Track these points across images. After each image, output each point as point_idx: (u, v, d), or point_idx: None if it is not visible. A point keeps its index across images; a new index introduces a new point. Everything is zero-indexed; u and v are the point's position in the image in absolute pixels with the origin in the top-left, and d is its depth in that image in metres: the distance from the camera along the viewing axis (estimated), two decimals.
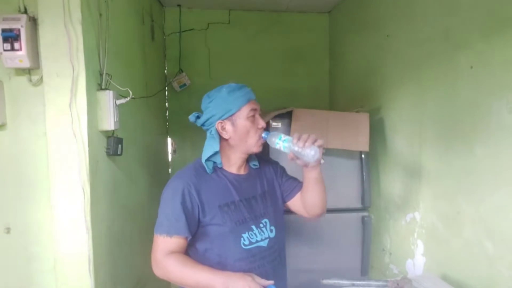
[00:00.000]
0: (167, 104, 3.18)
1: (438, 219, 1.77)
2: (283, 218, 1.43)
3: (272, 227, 1.33)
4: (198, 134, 3.28)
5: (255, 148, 1.29)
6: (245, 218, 1.27)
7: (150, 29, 2.60)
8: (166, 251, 1.17)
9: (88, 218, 1.45)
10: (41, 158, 1.48)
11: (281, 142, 1.21)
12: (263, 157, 1.48)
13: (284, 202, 1.45)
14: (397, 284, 1.47)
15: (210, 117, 1.26)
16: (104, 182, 1.62)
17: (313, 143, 1.17)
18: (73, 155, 1.43)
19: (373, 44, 2.43)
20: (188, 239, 1.21)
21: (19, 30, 1.38)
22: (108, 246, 1.64)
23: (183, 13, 3.10)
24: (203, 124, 1.31)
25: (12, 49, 1.39)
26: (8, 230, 1.52)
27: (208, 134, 1.31)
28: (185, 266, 1.15)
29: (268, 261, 1.30)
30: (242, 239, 1.26)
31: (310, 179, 1.30)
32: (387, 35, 2.23)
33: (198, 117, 1.31)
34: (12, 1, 1.45)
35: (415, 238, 1.95)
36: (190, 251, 1.27)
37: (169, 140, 3.20)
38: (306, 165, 1.23)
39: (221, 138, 1.29)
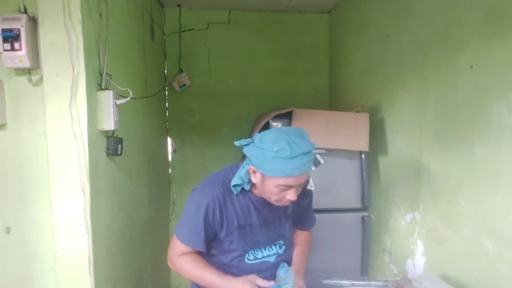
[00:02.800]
0: (167, 104, 3.18)
1: (438, 219, 1.77)
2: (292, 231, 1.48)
3: (284, 246, 1.39)
4: (198, 134, 3.30)
5: (275, 203, 1.24)
6: (258, 241, 1.32)
7: (150, 29, 2.60)
8: (180, 253, 1.28)
9: (88, 218, 1.46)
10: (41, 158, 1.48)
11: None
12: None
13: None
14: (397, 284, 1.47)
15: (250, 158, 1.20)
16: (104, 182, 1.62)
17: None
18: (73, 155, 1.43)
19: (373, 44, 2.43)
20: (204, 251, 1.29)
21: (19, 30, 1.38)
22: (108, 246, 1.64)
23: (183, 13, 3.10)
24: (243, 155, 1.27)
25: (12, 49, 1.39)
26: (8, 230, 1.52)
27: (244, 164, 1.26)
28: (196, 267, 1.27)
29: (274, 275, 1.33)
30: (247, 254, 1.32)
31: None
32: (387, 35, 2.23)
33: (247, 144, 1.23)
34: (12, 1, 1.45)
35: (415, 238, 1.95)
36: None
37: (169, 140, 3.20)
38: None
39: None
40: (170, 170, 3.22)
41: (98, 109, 1.56)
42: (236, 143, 1.24)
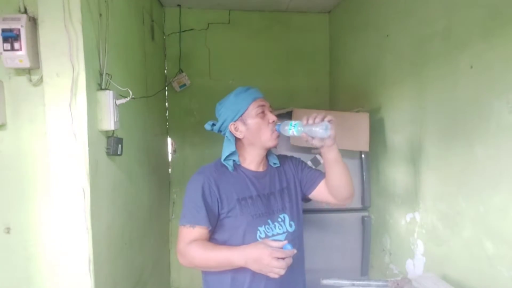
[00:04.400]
0: (167, 104, 3.18)
1: (438, 219, 1.77)
2: (302, 215, 1.46)
3: (292, 222, 1.38)
4: (198, 134, 3.30)
5: (271, 142, 1.35)
6: (262, 212, 1.32)
7: (150, 29, 2.60)
8: (188, 241, 1.23)
9: (88, 218, 1.46)
10: (41, 158, 1.48)
11: (293, 128, 1.25)
12: (284, 155, 1.54)
13: (307, 195, 1.47)
14: (397, 284, 1.47)
15: (224, 122, 1.35)
16: (104, 182, 1.62)
17: (322, 120, 1.21)
18: (73, 155, 1.43)
19: (373, 44, 2.43)
20: (209, 229, 1.26)
21: (19, 30, 1.38)
22: (108, 246, 1.64)
23: (183, 13, 3.10)
24: (219, 130, 1.39)
25: (12, 49, 1.39)
26: (8, 230, 1.52)
27: (225, 138, 1.38)
28: (206, 249, 1.21)
29: None
30: (258, 232, 1.30)
31: (330, 160, 1.32)
32: (387, 35, 2.23)
33: (213, 125, 1.40)
34: (12, 1, 1.45)
35: (415, 238, 1.95)
36: (211, 242, 1.32)
37: (169, 140, 3.20)
38: (321, 145, 1.26)
39: (237, 139, 1.37)
40: (170, 170, 3.22)
41: (98, 109, 1.56)
42: (205, 126, 1.41)
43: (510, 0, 1.33)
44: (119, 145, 1.67)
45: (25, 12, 1.44)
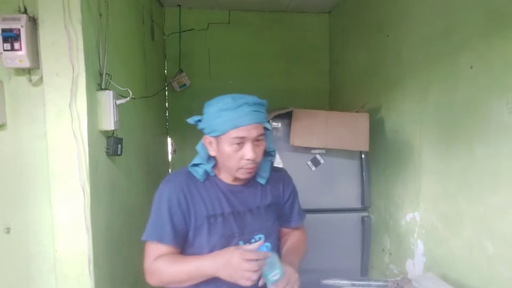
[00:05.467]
0: (167, 104, 3.18)
1: (438, 219, 1.77)
2: (278, 233, 1.31)
3: (268, 244, 1.12)
4: (198, 134, 3.28)
5: (239, 175, 1.14)
6: (233, 233, 1.15)
7: (150, 29, 2.60)
8: (153, 258, 1.12)
9: (88, 218, 1.46)
10: (41, 158, 1.48)
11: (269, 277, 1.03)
12: (281, 173, 1.34)
13: None
14: (397, 284, 1.47)
15: (202, 129, 1.17)
16: (104, 182, 1.62)
17: None
18: (73, 155, 1.43)
19: (373, 44, 2.43)
20: (175, 246, 1.14)
21: (19, 30, 1.38)
22: (108, 246, 1.64)
23: (183, 13, 3.10)
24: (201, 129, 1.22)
25: (12, 49, 1.39)
26: (8, 230, 1.52)
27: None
28: (174, 263, 1.09)
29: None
30: None
31: None
32: (387, 35, 2.23)
33: (199, 120, 1.20)
34: (12, 1, 1.45)
35: (415, 238, 1.95)
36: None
37: (169, 140, 3.20)
38: None
39: None
40: (170, 170, 3.22)
41: (98, 109, 1.56)
42: (189, 120, 1.19)
43: (510, 0, 1.33)
44: (119, 145, 1.67)
45: (25, 12, 1.44)
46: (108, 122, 1.57)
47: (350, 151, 2.21)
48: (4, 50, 1.39)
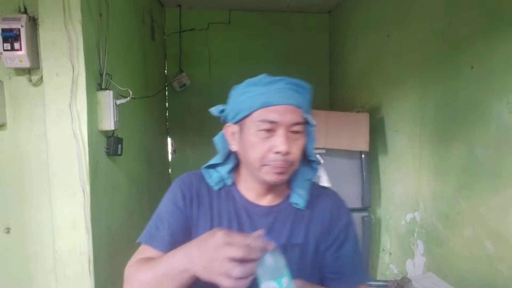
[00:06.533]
0: (167, 104, 3.18)
1: (438, 219, 1.76)
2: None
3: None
4: (198, 134, 3.30)
5: (264, 175, 0.79)
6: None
7: (150, 29, 2.60)
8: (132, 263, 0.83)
9: (88, 218, 1.46)
10: (41, 158, 1.48)
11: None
12: (325, 191, 0.96)
13: None
14: (397, 284, 1.47)
15: (225, 117, 0.86)
16: (104, 182, 1.62)
17: None
18: (73, 155, 1.43)
19: (374, 44, 2.43)
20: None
21: (19, 30, 1.38)
22: (108, 246, 1.64)
23: (183, 13, 3.10)
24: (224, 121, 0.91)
25: (12, 49, 1.39)
26: (8, 230, 1.52)
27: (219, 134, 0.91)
28: (147, 264, 0.77)
29: None
30: None
31: None
32: (387, 35, 2.23)
33: (223, 111, 0.87)
34: (12, 1, 1.45)
35: (415, 238, 1.95)
36: None
37: (169, 140, 3.20)
38: None
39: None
40: (170, 170, 3.22)
41: (98, 109, 1.56)
42: (211, 109, 0.88)
43: (510, 0, 1.33)
44: (119, 145, 1.67)
45: (25, 12, 1.45)
46: (108, 122, 1.57)
47: (350, 151, 2.21)
48: (4, 50, 1.39)
